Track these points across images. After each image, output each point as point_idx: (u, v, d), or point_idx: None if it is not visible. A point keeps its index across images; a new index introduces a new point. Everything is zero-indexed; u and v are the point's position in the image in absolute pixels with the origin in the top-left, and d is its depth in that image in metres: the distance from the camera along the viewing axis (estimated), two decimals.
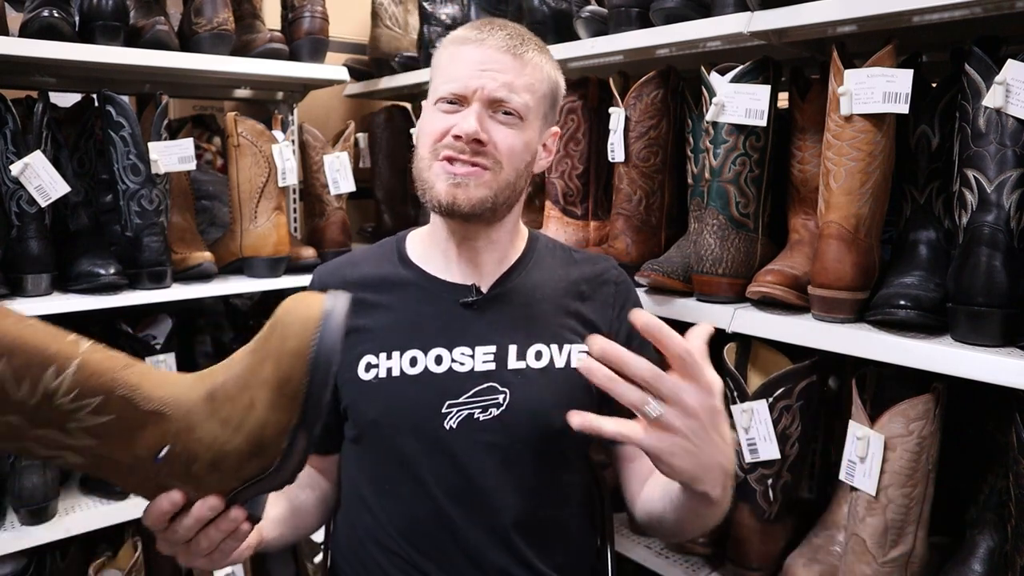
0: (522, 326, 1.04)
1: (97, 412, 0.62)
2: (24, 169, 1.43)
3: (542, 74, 1.02)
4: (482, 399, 1.00)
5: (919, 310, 0.99)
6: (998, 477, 1.04)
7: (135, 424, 0.64)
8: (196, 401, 0.66)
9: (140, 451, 0.64)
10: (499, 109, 0.98)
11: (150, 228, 1.56)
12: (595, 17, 1.48)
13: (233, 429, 0.65)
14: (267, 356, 0.65)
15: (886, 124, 1.05)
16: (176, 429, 0.65)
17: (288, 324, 0.66)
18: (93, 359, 0.62)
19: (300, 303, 0.67)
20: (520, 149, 1.00)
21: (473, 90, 0.97)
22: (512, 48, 0.98)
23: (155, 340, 1.75)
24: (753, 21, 1.16)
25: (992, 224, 0.93)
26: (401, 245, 1.13)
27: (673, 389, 0.69)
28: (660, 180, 1.41)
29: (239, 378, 0.66)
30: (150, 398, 0.64)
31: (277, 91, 2.06)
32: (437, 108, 1.00)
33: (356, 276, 1.09)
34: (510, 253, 1.09)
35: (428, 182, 0.99)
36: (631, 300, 1.13)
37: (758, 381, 1.21)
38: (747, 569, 1.23)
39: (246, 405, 0.65)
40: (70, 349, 0.62)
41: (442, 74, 1.01)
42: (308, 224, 2.01)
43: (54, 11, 1.46)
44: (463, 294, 1.04)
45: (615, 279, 1.13)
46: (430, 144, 0.99)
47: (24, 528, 1.45)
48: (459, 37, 1.02)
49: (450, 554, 0.99)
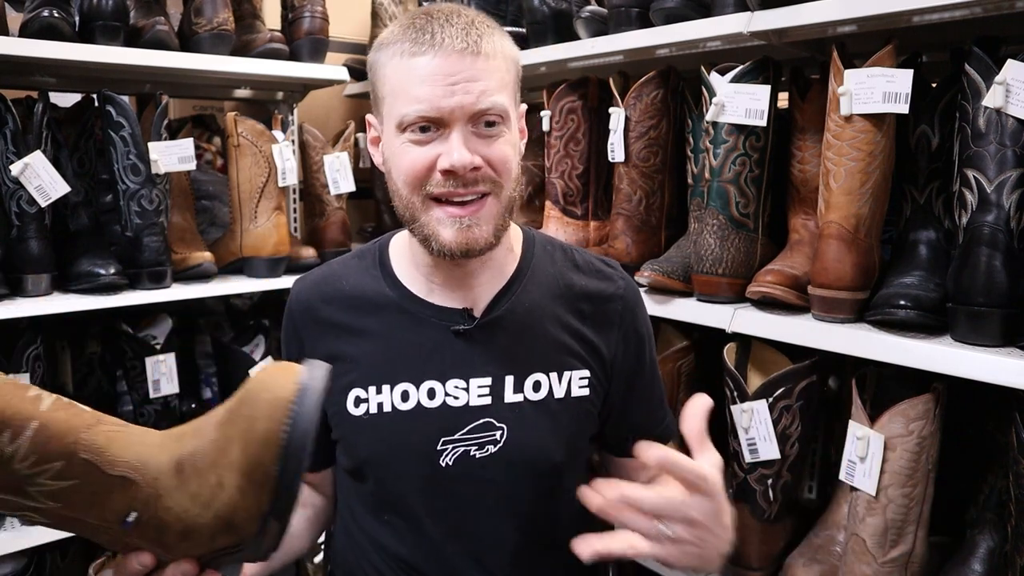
0: (519, 354, 0.96)
1: (59, 477, 0.57)
2: (24, 169, 1.43)
3: (506, 59, 0.90)
4: (478, 436, 0.94)
5: (919, 310, 0.99)
6: (998, 477, 1.04)
7: (100, 489, 0.59)
8: (164, 469, 0.61)
9: (108, 515, 0.60)
10: (480, 121, 0.86)
11: (150, 228, 1.56)
12: (595, 17, 1.48)
13: (202, 505, 0.61)
14: (235, 436, 0.60)
15: (886, 124, 1.05)
16: (144, 496, 0.60)
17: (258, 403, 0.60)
18: (54, 420, 0.58)
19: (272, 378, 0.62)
20: (511, 157, 0.90)
21: (450, 110, 0.84)
22: (471, 45, 0.85)
23: (155, 340, 1.75)
24: (753, 21, 1.16)
25: (992, 224, 0.93)
26: (384, 254, 1.02)
27: (681, 510, 0.72)
28: (660, 180, 1.41)
29: (206, 455, 0.61)
30: (115, 462, 0.59)
31: (277, 91, 2.06)
32: (405, 137, 0.87)
33: (335, 293, 1.00)
34: (505, 266, 0.99)
35: (429, 228, 0.88)
36: (638, 318, 1.04)
37: (758, 381, 1.21)
38: (747, 569, 1.23)
39: (214, 484, 0.60)
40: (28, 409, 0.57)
41: (397, 93, 0.87)
42: (308, 224, 2.02)
43: (54, 11, 1.46)
44: (454, 320, 0.95)
45: (621, 294, 1.02)
46: (413, 184, 0.88)
47: (24, 528, 1.44)
48: (405, 43, 0.87)
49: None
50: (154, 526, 0.61)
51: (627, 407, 1.03)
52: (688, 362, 1.40)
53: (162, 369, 1.66)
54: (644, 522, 0.71)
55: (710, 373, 1.37)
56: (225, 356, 1.88)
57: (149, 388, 1.66)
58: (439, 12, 0.88)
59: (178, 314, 1.85)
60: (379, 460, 0.96)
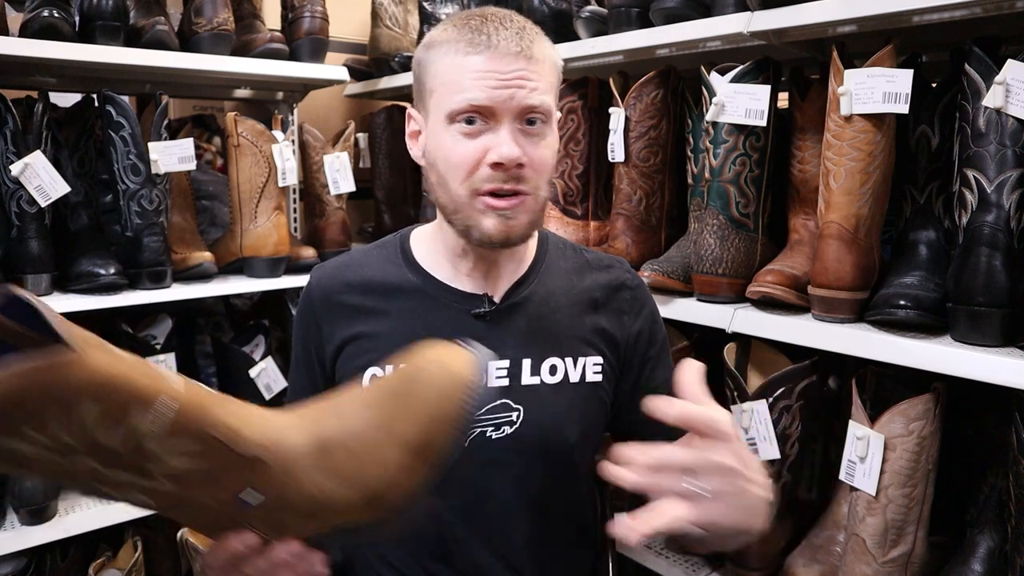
0: (536, 339, 1.00)
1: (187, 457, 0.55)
2: (24, 169, 1.43)
3: (552, 66, 0.96)
4: (495, 416, 0.96)
5: (919, 310, 0.99)
6: (998, 477, 1.04)
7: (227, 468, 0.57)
8: (302, 450, 0.59)
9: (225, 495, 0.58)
10: (526, 120, 0.91)
11: (150, 228, 1.56)
12: (595, 17, 1.48)
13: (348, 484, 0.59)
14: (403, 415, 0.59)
15: (886, 124, 1.05)
16: (273, 477, 0.58)
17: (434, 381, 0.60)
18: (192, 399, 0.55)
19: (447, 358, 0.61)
20: (551, 160, 0.95)
21: (503, 101, 0.89)
22: (525, 49, 0.90)
23: (155, 340, 1.75)
24: (753, 21, 1.16)
25: (992, 224, 0.93)
26: (406, 245, 1.07)
27: (709, 459, 0.69)
28: (660, 180, 1.41)
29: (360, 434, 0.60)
30: (250, 443, 0.57)
31: (277, 91, 2.06)
32: (455, 128, 0.91)
33: (358, 280, 1.03)
34: (524, 259, 1.05)
35: (472, 219, 0.92)
36: (648, 305, 1.09)
37: (758, 381, 1.21)
38: (747, 569, 1.23)
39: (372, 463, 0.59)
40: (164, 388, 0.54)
41: (449, 86, 0.91)
42: (308, 224, 2.01)
43: (54, 11, 1.46)
44: (475, 304, 0.99)
45: (629, 283, 1.08)
46: (463, 176, 0.91)
47: (24, 528, 1.45)
48: (460, 41, 0.91)
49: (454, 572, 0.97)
50: (278, 507, 0.59)
51: (638, 390, 1.04)
52: None
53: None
54: (679, 484, 0.68)
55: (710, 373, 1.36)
56: (225, 356, 1.88)
57: None
58: (493, 15, 0.94)
59: (178, 314, 1.85)
60: None
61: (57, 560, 1.57)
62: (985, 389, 0.93)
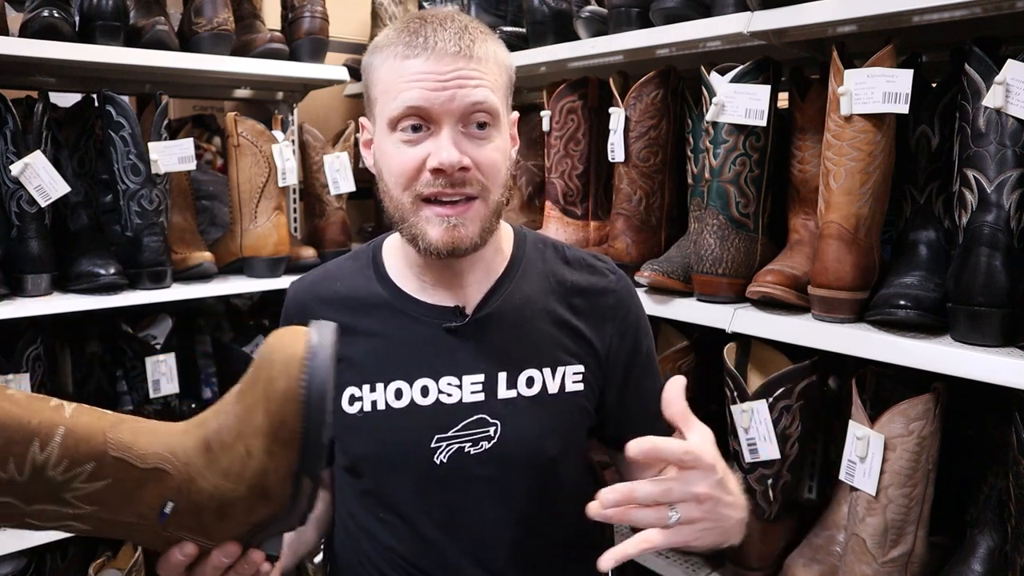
0: (511, 350, 0.96)
1: (92, 479, 0.59)
2: (24, 169, 1.43)
3: (498, 64, 0.91)
4: (472, 432, 0.94)
5: (919, 310, 0.99)
6: (998, 477, 1.04)
7: (134, 484, 0.61)
8: (192, 452, 0.63)
9: (143, 509, 0.62)
10: (470, 123, 0.88)
11: (150, 228, 1.56)
12: (595, 17, 1.48)
13: (234, 479, 0.62)
14: (256, 402, 0.62)
15: (886, 124, 1.05)
16: (177, 484, 0.62)
17: (273, 365, 0.62)
18: (79, 424, 0.59)
19: (283, 340, 0.64)
20: (501, 163, 0.91)
21: (440, 103, 0.85)
22: (464, 48, 0.87)
23: (155, 340, 1.75)
24: (753, 21, 1.16)
25: (992, 224, 0.93)
26: (377, 255, 1.03)
27: (683, 491, 0.72)
28: (660, 180, 1.41)
29: (231, 428, 0.63)
30: (145, 455, 0.61)
31: (277, 91, 2.06)
32: (396, 136, 0.89)
33: (330, 294, 1.01)
34: (495, 265, 1.00)
35: (417, 227, 0.90)
36: (632, 310, 1.04)
37: (758, 381, 1.21)
38: (747, 569, 1.23)
39: (243, 455, 0.62)
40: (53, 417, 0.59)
41: (389, 92, 0.88)
42: (308, 224, 2.01)
43: (54, 11, 1.46)
44: (446, 318, 0.96)
45: (613, 286, 1.03)
46: (404, 183, 0.89)
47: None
48: (399, 45, 0.88)
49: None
50: (191, 511, 0.62)
51: (625, 401, 1.03)
52: (688, 362, 1.40)
53: (162, 369, 1.67)
54: (653, 514, 0.71)
55: (710, 373, 1.37)
56: (225, 356, 1.88)
57: (149, 388, 1.66)
58: (433, 17, 0.90)
59: (178, 314, 1.85)
60: (374, 458, 0.97)
61: (57, 560, 1.57)
62: (985, 389, 0.93)
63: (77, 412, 0.60)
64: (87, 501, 0.60)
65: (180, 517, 0.62)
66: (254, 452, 0.62)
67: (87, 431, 0.59)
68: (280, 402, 0.61)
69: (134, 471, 0.60)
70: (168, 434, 0.63)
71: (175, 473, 0.62)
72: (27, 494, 0.58)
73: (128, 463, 0.60)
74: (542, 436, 0.96)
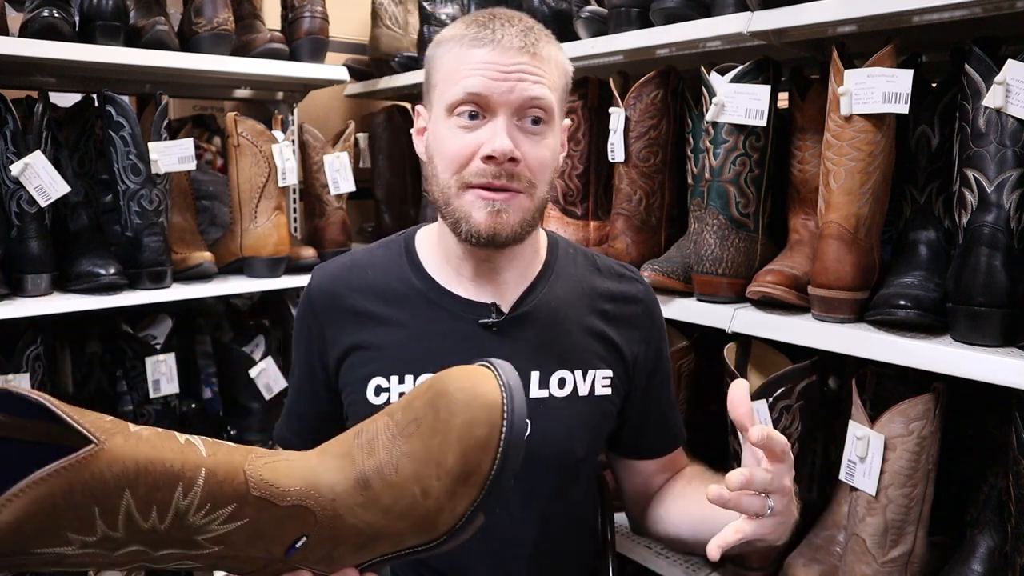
0: (545, 351, 0.97)
1: (230, 520, 0.55)
2: (24, 169, 1.43)
3: (559, 67, 0.94)
4: None
5: (919, 310, 0.99)
6: (998, 477, 1.04)
7: (271, 522, 0.57)
8: (341, 489, 0.59)
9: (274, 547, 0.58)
10: (525, 117, 0.89)
11: (150, 228, 1.56)
12: (595, 17, 1.48)
13: (397, 516, 0.59)
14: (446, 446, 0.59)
15: (886, 124, 1.05)
16: (319, 520, 0.58)
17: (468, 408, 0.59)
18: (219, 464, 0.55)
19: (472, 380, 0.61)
20: (550, 162, 0.93)
21: (500, 93, 0.87)
22: (529, 45, 0.89)
23: (155, 340, 1.75)
24: (753, 21, 1.16)
25: (992, 224, 0.93)
26: (411, 245, 1.03)
27: (778, 481, 0.76)
28: (660, 180, 1.41)
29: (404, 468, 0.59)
30: (285, 493, 0.57)
31: (277, 91, 2.06)
32: (453, 121, 0.90)
33: (361, 282, 1.00)
34: (532, 265, 1.01)
35: (461, 211, 0.90)
36: (658, 320, 1.07)
37: (758, 381, 1.21)
38: (747, 569, 1.23)
39: (415, 494, 0.59)
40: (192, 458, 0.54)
41: (451, 78, 0.90)
42: (308, 224, 2.02)
43: (54, 11, 1.47)
44: (482, 314, 0.96)
45: (642, 296, 1.06)
46: (455, 168, 0.90)
47: None
48: (466, 36, 0.90)
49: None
50: (327, 545, 0.60)
51: (646, 408, 1.05)
52: (688, 362, 1.40)
53: (162, 369, 1.67)
54: (758, 503, 0.75)
55: (710, 373, 1.37)
56: (225, 356, 1.88)
57: (149, 388, 1.66)
58: (502, 14, 0.93)
59: (178, 314, 1.85)
60: None
61: None
62: (985, 389, 0.93)
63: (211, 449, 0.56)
64: (217, 542, 0.55)
65: (311, 551, 0.60)
66: (432, 492, 0.59)
67: (227, 471, 0.55)
68: (479, 450, 0.59)
69: (274, 510, 0.57)
70: (305, 467, 0.60)
71: (318, 511, 0.58)
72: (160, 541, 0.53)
73: (269, 502, 0.56)
74: (571, 437, 0.97)
